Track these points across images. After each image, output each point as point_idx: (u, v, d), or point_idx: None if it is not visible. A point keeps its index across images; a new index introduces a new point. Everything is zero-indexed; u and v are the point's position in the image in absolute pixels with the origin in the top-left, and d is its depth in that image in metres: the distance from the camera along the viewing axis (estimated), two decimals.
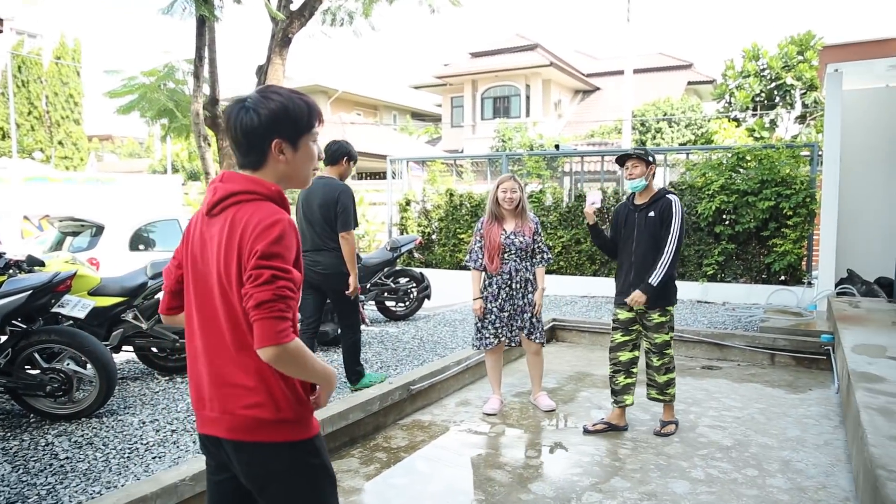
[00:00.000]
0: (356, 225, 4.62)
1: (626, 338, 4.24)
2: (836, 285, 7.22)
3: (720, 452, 3.84)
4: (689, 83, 28.18)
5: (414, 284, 7.51)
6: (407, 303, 7.50)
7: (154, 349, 5.03)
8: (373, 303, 7.42)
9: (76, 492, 3.06)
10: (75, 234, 8.36)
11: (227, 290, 1.60)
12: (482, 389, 5.20)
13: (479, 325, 4.60)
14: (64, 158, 29.39)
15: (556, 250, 9.37)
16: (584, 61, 32.65)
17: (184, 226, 8.90)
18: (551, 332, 6.92)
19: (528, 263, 4.54)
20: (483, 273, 4.58)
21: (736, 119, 21.67)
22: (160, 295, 4.94)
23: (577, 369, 5.84)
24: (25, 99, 28.49)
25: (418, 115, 38.78)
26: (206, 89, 7.90)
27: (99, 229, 8.09)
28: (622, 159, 4.24)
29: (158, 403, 4.43)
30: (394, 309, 7.49)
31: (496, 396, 4.72)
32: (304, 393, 1.68)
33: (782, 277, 8.19)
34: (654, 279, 3.94)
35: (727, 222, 8.34)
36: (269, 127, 1.64)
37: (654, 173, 4.19)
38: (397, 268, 7.49)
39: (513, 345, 4.63)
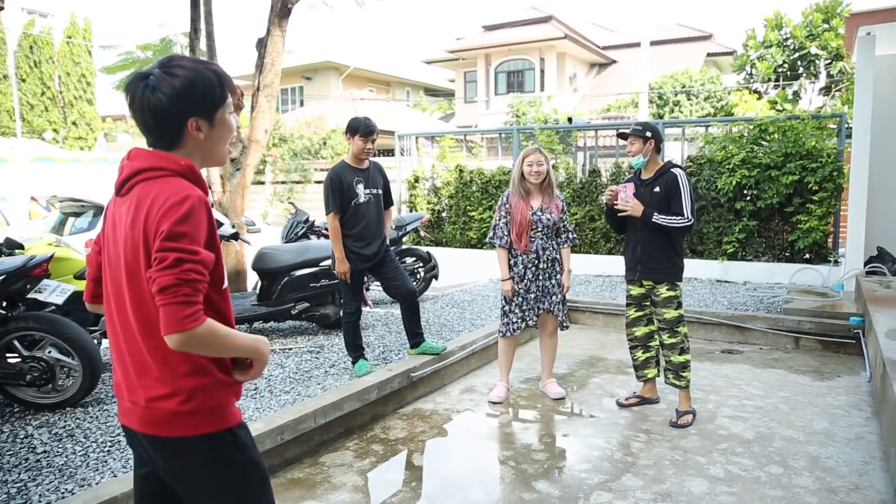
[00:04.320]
0: (334, 208, 4.34)
1: (640, 313, 4.15)
2: (866, 264, 6.85)
3: (741, 447, 3.57)
4: (709, 55, 27.35)
5: (420, 264, 7.25)
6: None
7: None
8: (378, 283, 7.17)
9: (48, 490, 2.87)
10: (77, 214, 8.20)
11: (135, 273, 1.51)
12: (489, 375, 4.96)
13: (506, 308, 4.35)
14: (78, 139, 29.34)
15: None
16: (600, 34, 31.84)
17: None
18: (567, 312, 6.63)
19: (554, 242, 4.31)
20: (508, 251, 4.32)
21: (757, 91, 20.97)
22: None
23: (590, 353, 5.57)
24: (38, 79, 28.36)
25: (431, 91, 38.22)
26: None
27: (99, 210, 7.91)
28: (623, 134, 4.14)
29: None
30: None
31: (503, 384, 4.48)
32: (224, 374, 1.58)
33: (807, 256, 7.81)
34: (658, 218, 3.84)
35: (748, 198, 7.96)
36: (181, 105, 1.52)
37: (654, 148, 4.01)
38: (403, 247, 7.23)
39: (532, 324, 4.38)
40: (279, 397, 4.05)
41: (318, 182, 20.29)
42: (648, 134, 3.97)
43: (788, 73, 20.68)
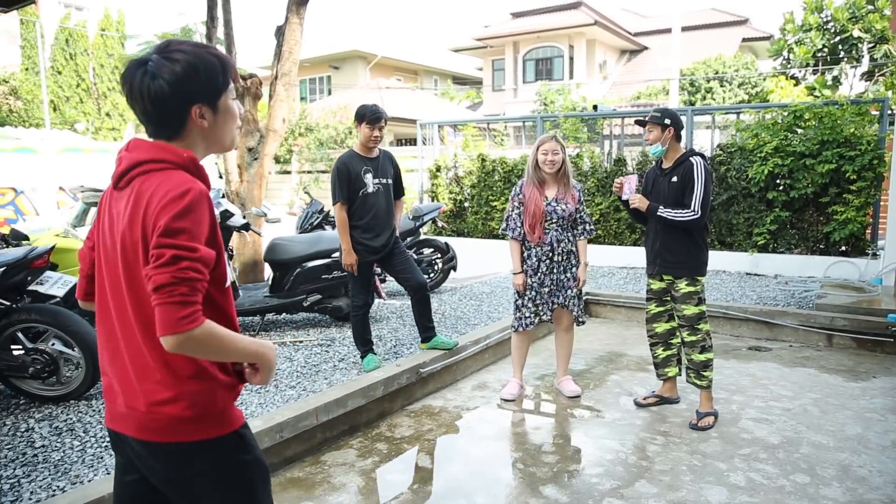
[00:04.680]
0: (341, 198, 4.21)
1: (661, 308, 3.96)
2: None
3: (765, 452, 3.35)
4: (744, 40, 26.51)
5: (438, 255, 7.10)
6: (431, 275, 7.11)
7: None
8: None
9: (40, 486, 2.81)
10: (97, 205, 8.22)
11: (134, 272, 1.43)
12: (503, 371, 4.80)
13: (518, 302, 4.19)
14: (111, 130, 29.86)
15: (593, 218, 8.78)
16: (630, 20, 31.13)
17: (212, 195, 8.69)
18: (584, 306, 6.43)
19: (570, 234, 4.13)
20: (521, 243, 4.15)
21: (794, 77, 20.25)
22: None
23: (610, 349, 5.37)
24: (73, 71, 28.87)
25: (460, 80, 37.92)
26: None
27: None
28: (641, 122, 3.96)
29: None
30: None
31: (516, 380, 4.32)
32: (225, 375, 1.51)
33: (843, 248, 7.45)
34: (663, 212, 3.70)
35: (781, 187, 7.62)
36: (183, 92, 1.44)
37: (673, 136, 3.80)
38: (421, 237, 7.09)
39: (546, 319, 4.22)
40: (284, 392, 3.96)
41: None
42: (667, 121, 3.75)
43: (828, 57, 19.91)
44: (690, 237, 3.73)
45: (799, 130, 7.65)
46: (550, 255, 4.10)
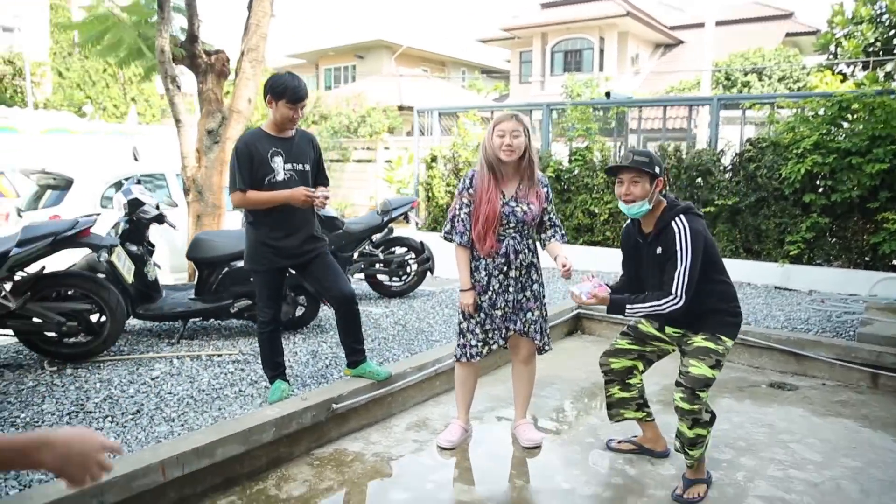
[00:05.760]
0: (240, 186, 3.30)
1: (633, 347, 3.05)
2: None
3: None
4: (788, 35, 24.85)
5: (412, 255, 6.17)
6: (404, 277, 6.19)
7: (40, 332, 3.97)
8: (362, 276, 6.15)
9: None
10: (53, 188, 7.53)
11: None
12: (454, 404, 3.85)
13: (463, 325, 3.25)
14: (138, 115, 29.64)
15: (601, 218, 7.77)
16: (666, 13, 29.64)
17: (171, 180, 7.92)
18: (575, 322, 5.44)
19: (530, 242, 3.18)
20: (471, 251, 3.20)
21: (842, 73, 18.72)
22: (34, 266, 3.88)
23: (597, 378, 4.29)
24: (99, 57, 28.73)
25: (488, 72, 36.89)
26: (177, 25, 6.79)
27: (68, 184, 7.18)
28: (614, 170, 2.86)
29: (31, 402, 3.36)
30: (388, 284, 6.20)
31: (458, 423, 3.37)
32: None
33: (894, 262, 6.30)
34: (632, 308, 2.79)
35: (821, 189, 6.48)
36: None
37: (662, 191, 2.81)
38: (393, 235, 6.17)
39: (497, 348, 3.28)
40: (154, 429, 3.09)
41: (358, 161, 19.46)
42: (657, 169, 2.74)
43: (881, 52, 18.35)
44: (707, 302, 2.77)
45: (845, 124, 6.51)
46: (505, 269, 3.14)
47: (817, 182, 6.50)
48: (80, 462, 1.07)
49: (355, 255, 5.91)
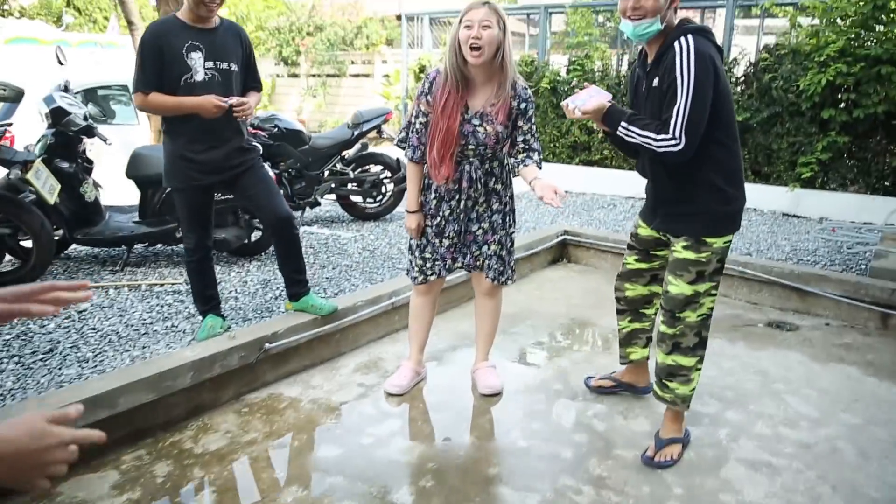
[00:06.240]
0: (142, 87, 2.78)
1: (642, 265, 2.65)
2: None
3: None
4: None
5: (388, 174, 5.67)
6: (379, 198, 5.72)
7: None
8: (333, 197, 5.68)
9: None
10: (2, 99, 6.95)
11: None
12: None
13: (412, 242, 2.83)
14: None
15: (599, 135, 7.16)
16: None
17: None
18: (561, 248, 5.00)
19: (495, 165, 2.67)
20: (422, 169, 2.72)
21: None
22: None
23: (577, 313, 3.96)
24: None
25: None
26: None
27: (19, 96, 6.60)
28: None
29: None
30: (362, 205, 5.73)
31: (409, 365, 3.00)
32: None
33: None
34: (624, 128, 2.24)
35: (842, 104, 5.84)
36: None
37: (675, 5, 2.22)
38: (366, 152, 5.64)
39: (447, 273, 2.86)
40: (65, 370, 2.75)
41: (354, 75, 18.53)
42: None
43: None
44: (701, 171, 2.26)
45: (879, 27, 5.76)
46: (457, 196, 2.67)
47: (839, 95, 5.84)
48: (30, 467, 0.81)
49: (325, 174, 5.42)
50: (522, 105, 2.62)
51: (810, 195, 5.96)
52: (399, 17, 20.60)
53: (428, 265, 2.78)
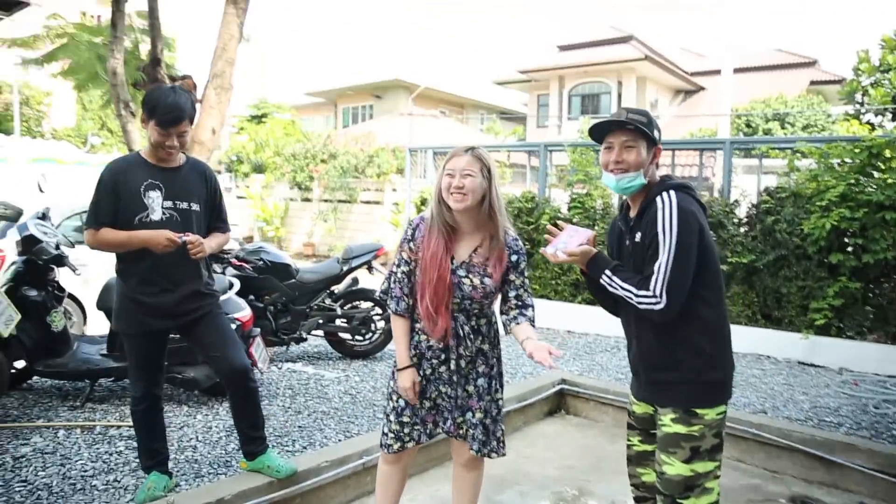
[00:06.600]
0: (92, 223, 2.64)
1: (647, 447, 2.28)
2: None
3: None
4: (812, 83, 24.13)
5: (379, 311, 5.43)
6: (368, 336, 5.44)
7: None
8: (320, 333, 5.41)
9: None
10: (2, 218, 6.98)
11: None
12: None
13: (388, 407, 2.51)
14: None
15: None
16: (688, 59, 29.22)
17: None
18: (558, 399, 4.63)
19: (482, 323, 2.43)
20: (410, 321, 2.46)
21: (870, 123, 17.92)
22: None
23: (572, 477, 3.53)
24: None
25: (506, 115, 36.67)
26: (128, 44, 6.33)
27: (18, 215, 6.62)
28: (601, 128, 2.15)
29: None
30: (351, 343, 5.44)
31: None
32: None
33: None
34: (607, 279, 2.09)
35: (850, 249, 5.66)
36: None
37: (656, 161, 2.16)
38: (356, 287, 5.44)
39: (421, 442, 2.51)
40: None
41: (365, 202, 18.97)
42: (656, 134, 2.09)
43: None
44: (686, 331, 2.04)
45: (877, 174, 5.72)
46: (443, 354, 2.40)
47: (846, 240, 5.69)
48: None
49: (312, 309, 5.19)
50: (514, 258, 2.41)
51: (826, 343, 5.62)
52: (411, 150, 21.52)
53: (406, 430, 2.45)
